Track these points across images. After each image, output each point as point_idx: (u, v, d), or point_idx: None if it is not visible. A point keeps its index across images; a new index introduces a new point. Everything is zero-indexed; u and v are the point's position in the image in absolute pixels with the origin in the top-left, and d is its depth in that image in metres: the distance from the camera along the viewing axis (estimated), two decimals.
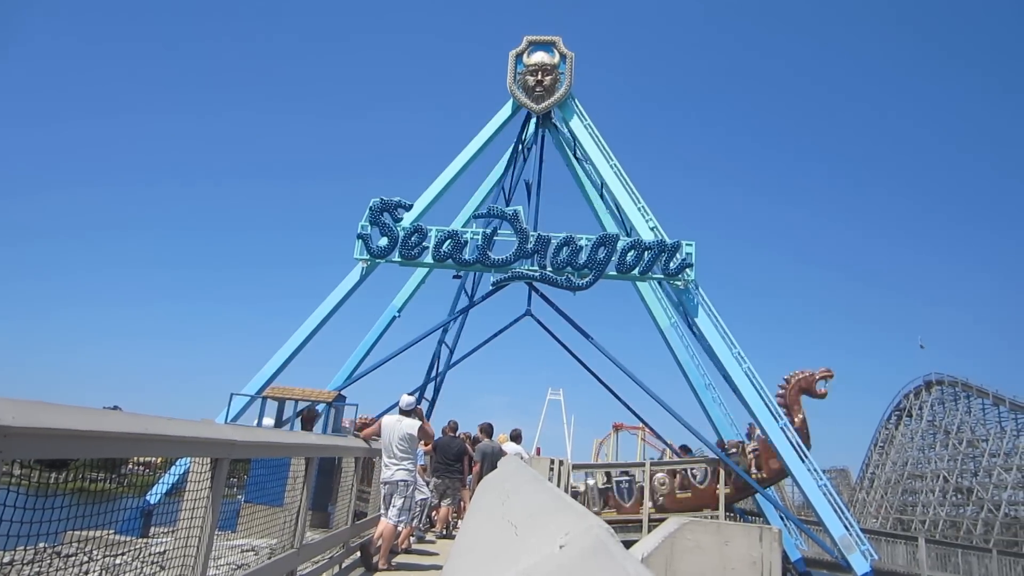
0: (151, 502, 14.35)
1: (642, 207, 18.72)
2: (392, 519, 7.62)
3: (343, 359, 20.89)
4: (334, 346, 49.31)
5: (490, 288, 18.10)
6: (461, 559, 2.59)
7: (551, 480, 12.35)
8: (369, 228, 17.84)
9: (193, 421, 4.06)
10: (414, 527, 9.76)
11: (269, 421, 14.53)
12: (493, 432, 12.93)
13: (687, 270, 17.28)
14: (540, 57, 19.81)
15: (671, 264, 17.28)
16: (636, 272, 17.42)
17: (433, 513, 11.48)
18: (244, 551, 5.89)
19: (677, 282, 17.49)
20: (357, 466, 8.33)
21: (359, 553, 7.73)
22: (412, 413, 8.11)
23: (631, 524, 16.25)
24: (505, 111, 20.33)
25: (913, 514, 49.78)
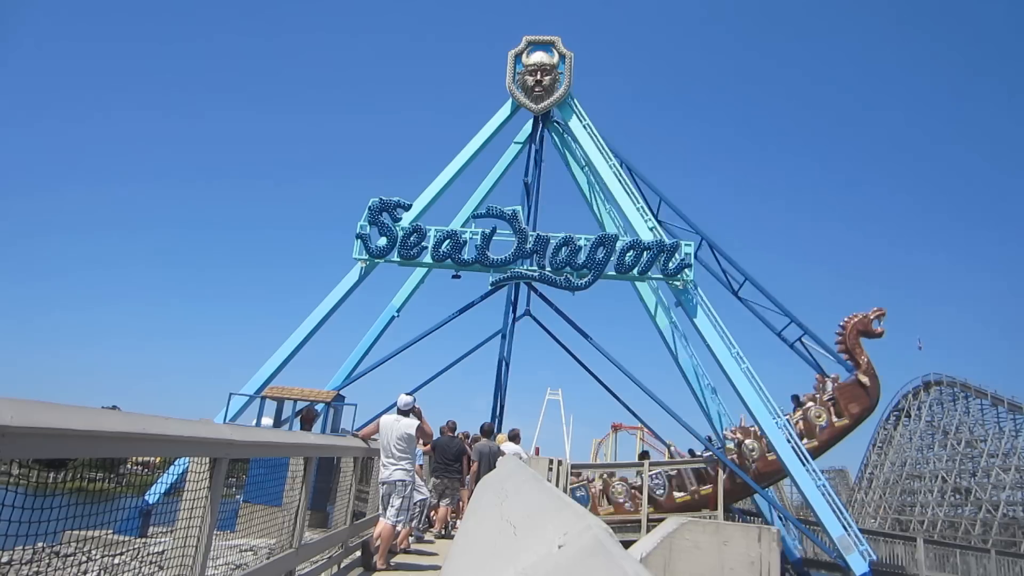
0: (150, 502, 14.35)
1: (641, 207, 18.73)
2: (390, 519, 7.60)
3: (342, 359, 20.97)
4: (333, 346, 49.37)
5: (489, 288, 18.08)
6: (460, 559, 2.59)
7: (550, 480, 12.35)
8: (368, 228, 17.84)
9: (192, 421, 4.05)
10: (413, 527, 9.75)
11: (268, 421, 14.55)
12: (494, 433, 12.93)
13: (686, 270, 17.29)
14: (539, 57, 19.81)
15: (670, 264, 17.28)
16: (635, 272, 17.43)
17: (432, 513, 11.47)
18: (243, 551, 5.90)
19: (676, 282, 17.49)
20: (356, 466, 8.33)
21: (360, 552, 7.72)
22: (410, 412, 8.08)
23: (629, 524, 16.26)
24: (504, 111, 20.34)
25: (911, 514, 49.81)
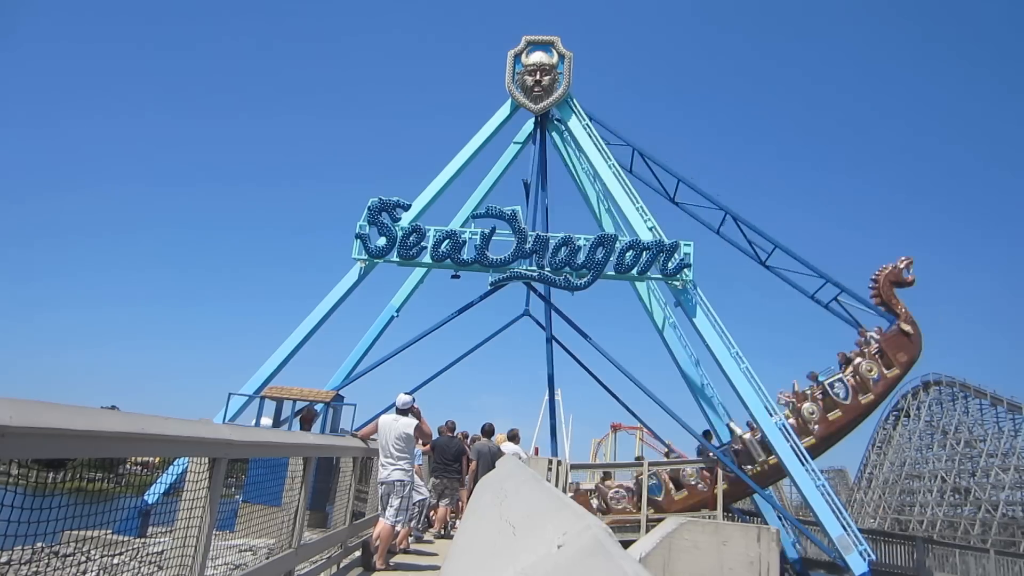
0: (149, 502, 14.31)
1: (640, 207, 18.70)
2: (389, 519, 7.59)
3: (341, 359, 20.91)
4: (332, 346, 49.26)
5: (488, 288, 18.07)
6: (459, 559, 2.59)
7: (549, 480, 12.35)
8: (367, 228, 17.81)
9: (191, 421, 4.06)
10: (412, 527, 9.74)
11: (267, 421, 14.53)
12: (493, 433, 12.93)
13: (685, 270, 17.26)
14: (539, 57, 19.79)
15: (669, 264, 17.27)
16: (634, 272, 17.40)
17: (431, 513, 11.47)
18: (242, 551, 5.89)
19: (675, 282, 17.47)
20: (355, 466, 8.33)
21: (359, 552, 7.72)
22: (409, 412, 8.06)
23: (628, 524, 16.25)
24: (504, 111, 20.32)
25: (911, 514, 49.81)
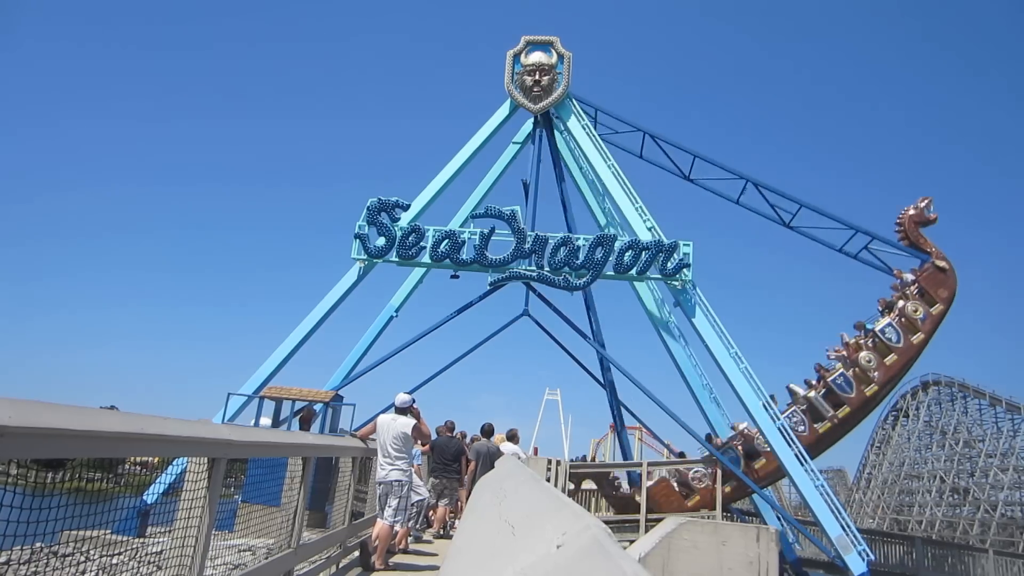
0: (148, 502, 14.30)
1: (640, 207, 18.70)
2: (388, 519, 7.58)
3: (341, 359, 20.91)
4: (332, 346, 49.29)
5: (487, 288, 18.07)
6: (458, 559, 2.59)
7: (548, 480, 12.37)
8: (367, 228, 17.81)
9: (190, 421, 4.05)
10: (411, 527, 9.74)
11: (266, 421, 14.52)
12: (492, 433, 12.93)
13: (684, 270, 17.26)
14: (538, 57, 19.78)
15: (668, 264, 17.27)
16: (633, 272, 17.40)
17: (430, 513, 11.47)
18: (241, 551, 5.89)
19: (674, 282, 17.47)
20: (354, 466, 8.32)
21: (358, 552, 7.71)
22: (408, 411, 8.05)
23: (628, 524, 16.24)
24: (503, 111, 20.31)
25: (910, 514, 49.85)
